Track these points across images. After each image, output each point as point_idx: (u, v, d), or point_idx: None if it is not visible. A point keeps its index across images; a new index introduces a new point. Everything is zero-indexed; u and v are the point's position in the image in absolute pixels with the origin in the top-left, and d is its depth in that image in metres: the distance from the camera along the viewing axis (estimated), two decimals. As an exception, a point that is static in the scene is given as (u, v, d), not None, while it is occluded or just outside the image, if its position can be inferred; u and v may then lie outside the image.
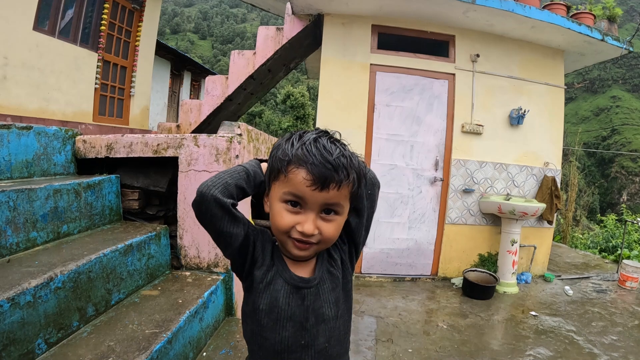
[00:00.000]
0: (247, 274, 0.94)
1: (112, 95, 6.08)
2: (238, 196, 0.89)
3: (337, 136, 0.88)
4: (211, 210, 0.84)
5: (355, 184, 0.85)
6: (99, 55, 5.61)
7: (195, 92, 14.62)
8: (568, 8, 4.60)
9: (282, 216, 0.84)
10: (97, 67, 5.61)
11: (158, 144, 2.20)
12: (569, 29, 4.31)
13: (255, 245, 0.93)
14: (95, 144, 2.35)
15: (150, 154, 2.21)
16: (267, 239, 0.95)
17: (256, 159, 0.98)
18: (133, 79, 6.39)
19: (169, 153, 2.20)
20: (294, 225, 0.84)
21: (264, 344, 0.91)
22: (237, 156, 2.17)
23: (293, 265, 0.94)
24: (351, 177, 0.83)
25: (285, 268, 0.93)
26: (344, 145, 0.86)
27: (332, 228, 0.86)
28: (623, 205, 12.16)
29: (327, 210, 0.84)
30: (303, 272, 0.94)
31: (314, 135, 0.84)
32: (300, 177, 0.80)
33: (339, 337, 0.98)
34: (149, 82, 6.86)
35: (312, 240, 0.85)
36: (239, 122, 2.26)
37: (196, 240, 2.22)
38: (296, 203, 0.83)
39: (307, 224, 0.82)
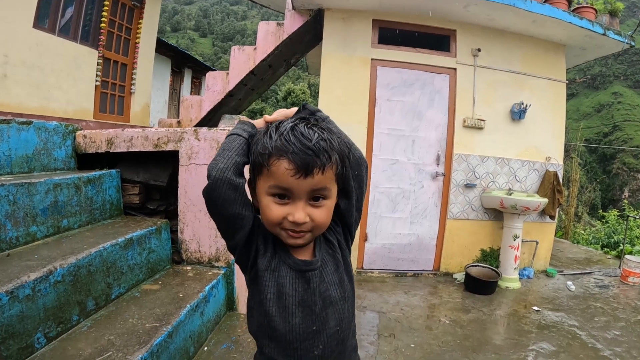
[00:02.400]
0: (252, 263, 0.92)
1: (113, 92, 6.07)
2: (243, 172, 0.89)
3: (314, 109, 0.88)
4: (225, 193, 0.83)
5: (338, 165, 0.84)
6: (99, 53, 5.59)
7: (196, 89, 14.60)
8: (569, 2, 4.56)
9: (271, 209, 0.83)
10: (98, 65, 5.59)
11: (158, 138, 2.19)
12: (570, 23, 4.28)
13: (258, 233, 0.92)
14: (95, 139, 2.34)
15: (150, 148, 2.20)
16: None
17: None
18: (134, 76, 6.37)
19: (170, 147, 2.19)
20: (285, 217, 0.83)
21: (274, 335, 0.90)
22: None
23: (294, 251, 0.93)
24: (333, 158, 0.82)
25: (287, 254, 0.92)
26: (322, 128, 0.84)
27: (322, 213, 0.86)
28: (625, 201, 12.13)
29: (315, 197, 0.84)
30: (304, 256, 0.94)
31: (291, 124, 0.83)
32: (282, 168, 0.79)
33: (348, 320, 0.98)
34: (149, 79, 6.84)
35: (304, 229, 0.84)
36: (240, 116, 2.25)
37: (197, 235, 2.21)
38: (283, 195, 0.82)
39: (298, 213, 0.82)
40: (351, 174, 0.93)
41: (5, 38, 4.22)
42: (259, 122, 0.95)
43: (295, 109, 0.93)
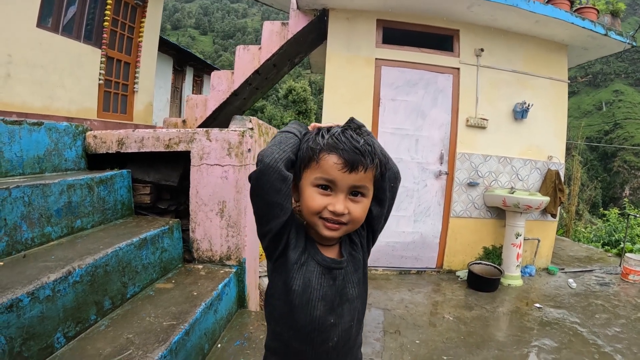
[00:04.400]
0: (280, 254, 0.98)
1: (116, 91, 6.09)
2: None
3: (360, 124, 0.96)
4: (272, 182, 0.88)
5: (378, 169, 0.93)
6: (102, 52, 5.61)
7: (198, 87, 14.60)
8: (572, 2, 4.59)
9: (314, 199, 0.90)
10: (101, 64, 5.61)
11: (170, 139, 2.22)
12: (572, 23, 4.31)
13: (292, 227, 0.97)
14: (106, 139, 2.36)
15: (162, 149, 2.23)
16: (300, 223, 1.00)
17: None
18: (136, 75, 6.40)
19: (181, 147, 2.21)
20: (326, 206, 0.90)
21: (294, 325, 0.96)
22: (249, 150, 2.19)
23: (322, 249, 1.00)
24: (375, 161, 0.92)
25: (316, 251, 0.98)
26: (368, 135, 0.93)
27: (359, 209, 0.93)
28: (625, 199, 12.16)
29: (355, 192, 0.91)
30: (331, 254, 1.01)
31: (341, 129, 0.92)
32: (331, 162, 0.88)
33: (359, 317, 1.05)
34: (152, 78, 6.86)
35: (343, 220, 0.91)
36: (250, 117, 2.28)
37: (208, 234, 2.24)
38: (327, 187, 0.90)
39: (338, 204, 0.89)
40: (388, 186, 1.00)
41: (9, 37, 4.24)
42: (311, 126, 1.02)
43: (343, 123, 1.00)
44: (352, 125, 0.95)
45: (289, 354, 0.99)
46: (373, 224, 1.05)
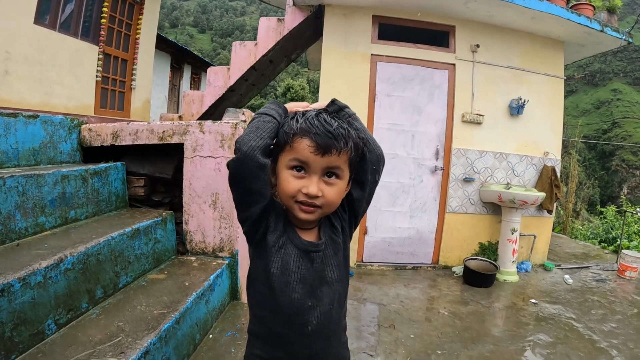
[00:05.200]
0: (259, 238, 0.98)
1: (114, 88, 6.08)
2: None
3: (343, 106, 0.96)
4: (251, 170, 0.88)
5: (352, 152, 0.92)
6: (99, 49, 5.60)
7: (196, 85, 14.59)
8: (568, -1, 4.61)
9: (289, 182, 0.91)
10: (98, 61, 5.61)
11: (164, 131, 2.23)
12: (568, 19, 4.32)
13: (271, 211, 0.98)
14: (101, 132, 2.37)
15: (155, 141, 2.24)
16: (280, 207, 1.00)
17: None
18: (134, 72, 6.38)
19: (175, 140, 2.23)
20: (300, 189, 0.90)
21: (275, 308, 0.97)
22: (241, 142, 2.20)
23: (301, 232, 1.00)
24: (349, 145, 0.91)
25: (295, 234, 0.99)
26: (342, 120, 0.93)
27: (333, 191, 0.93)
28: (623, 197, 12.16)
29: (329, 174, 0.91)
30: (310, 237, 1.01)
31: (316, 113, 0.92)
32: (304, 144, 0.88)
33: (340, 300, 1.05)
34: (150, 75, 6.85)
35: (317, 203, 0.91)
36: (243, 109, 2.29)
37: (202, 226, 2.25)
38: (301, 168, 0.90)
39: (312, 186, 0.89)
40: (370, 168, 1.01)
41: (7, 34, 4.23)
42: (290, 106, 1.01)
43: (325, 102, 0.99)
44: (332, 107, 0.95)
45: (272, 337, 0.99)
46: (355, 207, 1.06)
